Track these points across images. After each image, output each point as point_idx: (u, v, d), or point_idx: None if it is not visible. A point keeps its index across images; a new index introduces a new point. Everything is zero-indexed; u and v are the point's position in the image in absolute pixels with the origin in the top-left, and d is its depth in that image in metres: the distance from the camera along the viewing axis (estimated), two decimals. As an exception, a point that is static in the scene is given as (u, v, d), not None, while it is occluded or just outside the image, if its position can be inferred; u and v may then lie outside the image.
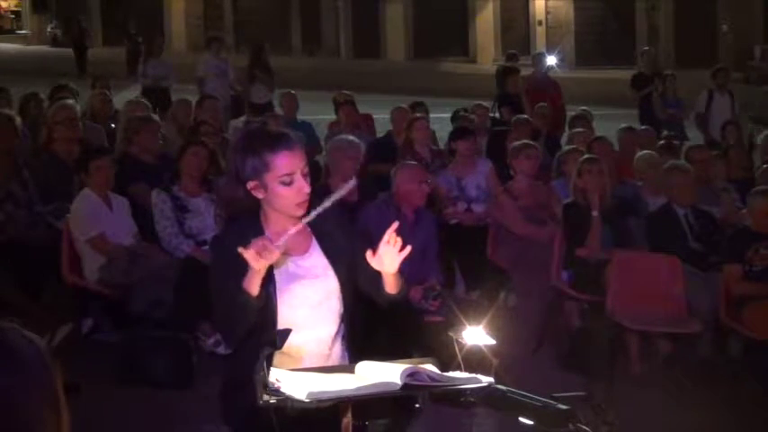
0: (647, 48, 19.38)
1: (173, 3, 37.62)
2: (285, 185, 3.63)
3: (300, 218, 3.69)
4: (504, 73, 15.34)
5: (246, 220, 3.74)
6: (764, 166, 9.81)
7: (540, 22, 32.24)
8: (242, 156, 3.71)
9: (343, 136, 8.99)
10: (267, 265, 3.44)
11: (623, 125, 11.39)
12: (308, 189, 3.66)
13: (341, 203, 3.73)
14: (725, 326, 7.33)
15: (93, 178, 7.91)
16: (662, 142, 10.80)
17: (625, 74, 17.42)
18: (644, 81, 15.60)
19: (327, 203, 3.54)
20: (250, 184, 3.67)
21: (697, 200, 8.27)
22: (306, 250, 3.79)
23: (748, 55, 26.84)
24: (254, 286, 3.46)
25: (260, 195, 3.68)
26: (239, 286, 3.48)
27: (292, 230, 3.55)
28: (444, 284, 7.71)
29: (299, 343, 3.68)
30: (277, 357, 3.49)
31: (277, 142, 3.66)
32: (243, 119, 12.56)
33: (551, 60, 15.99)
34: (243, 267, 3.50)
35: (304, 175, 3.67)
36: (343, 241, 3.81)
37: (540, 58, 15.91)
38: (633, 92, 15.70)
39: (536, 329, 7.84)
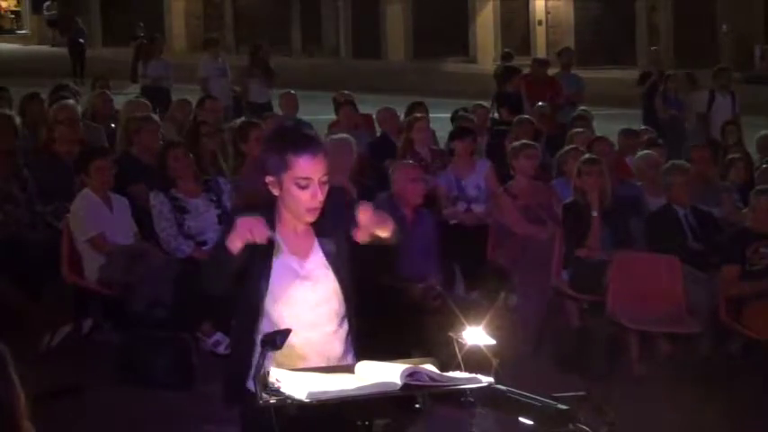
0: (654, 47, 19.42)
1: (173, 3, 37.57)
2: (300, 188, 3.67)
3: (312, 225, 3.75)
4: (505, 73, 15.29)
5: (262, 212, 3.73)
6: (764, 165, 9.81)
7: (540, 22, 32.19)
8: (267, 150, 3.79)
9: (337, 134, 9.02)
10: (245, 241, 3.58)
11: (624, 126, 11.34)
12: (321, 197, 3.69)
13: (340, 204, 3.75)
14: (724, 326, 7.32)
15: (93, 178, 7.91)
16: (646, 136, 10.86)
17: (625, 74, 17.41)
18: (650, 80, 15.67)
19: None
20: (268, 179, 3.72)
21: (696, 200, 8.27)
22: (308, 253, 3.81)
23: (748, 55, 26.81)
24: (234, 246, 3.60)
25: (275, 192, 3.73)
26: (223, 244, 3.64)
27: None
28: (444, 284, 7.71)
29: (300, 343, 3.69)
30: (278, 358, 3.51)
31: (302, 144, 3.68)
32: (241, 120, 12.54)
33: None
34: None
35: (321, 183, 3.69)
36: (343, 241, 3.82)
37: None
38: (641, 87, 15.74)
39: (536, 329, 7.84)
